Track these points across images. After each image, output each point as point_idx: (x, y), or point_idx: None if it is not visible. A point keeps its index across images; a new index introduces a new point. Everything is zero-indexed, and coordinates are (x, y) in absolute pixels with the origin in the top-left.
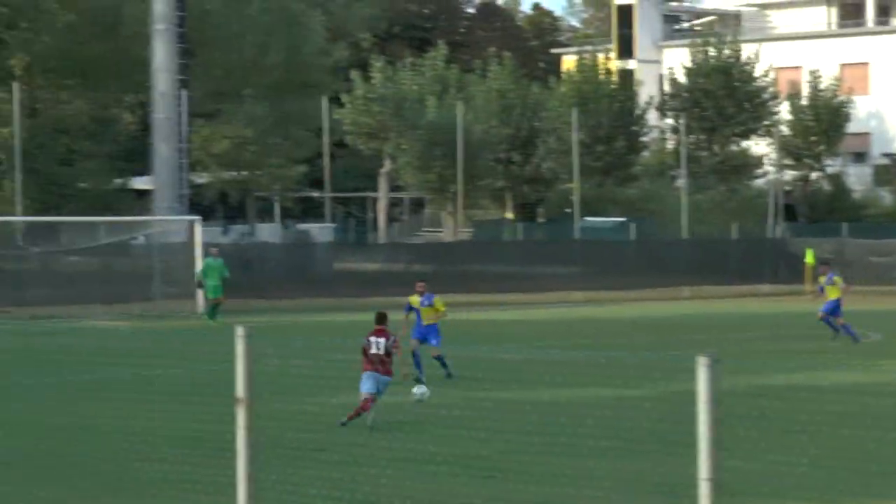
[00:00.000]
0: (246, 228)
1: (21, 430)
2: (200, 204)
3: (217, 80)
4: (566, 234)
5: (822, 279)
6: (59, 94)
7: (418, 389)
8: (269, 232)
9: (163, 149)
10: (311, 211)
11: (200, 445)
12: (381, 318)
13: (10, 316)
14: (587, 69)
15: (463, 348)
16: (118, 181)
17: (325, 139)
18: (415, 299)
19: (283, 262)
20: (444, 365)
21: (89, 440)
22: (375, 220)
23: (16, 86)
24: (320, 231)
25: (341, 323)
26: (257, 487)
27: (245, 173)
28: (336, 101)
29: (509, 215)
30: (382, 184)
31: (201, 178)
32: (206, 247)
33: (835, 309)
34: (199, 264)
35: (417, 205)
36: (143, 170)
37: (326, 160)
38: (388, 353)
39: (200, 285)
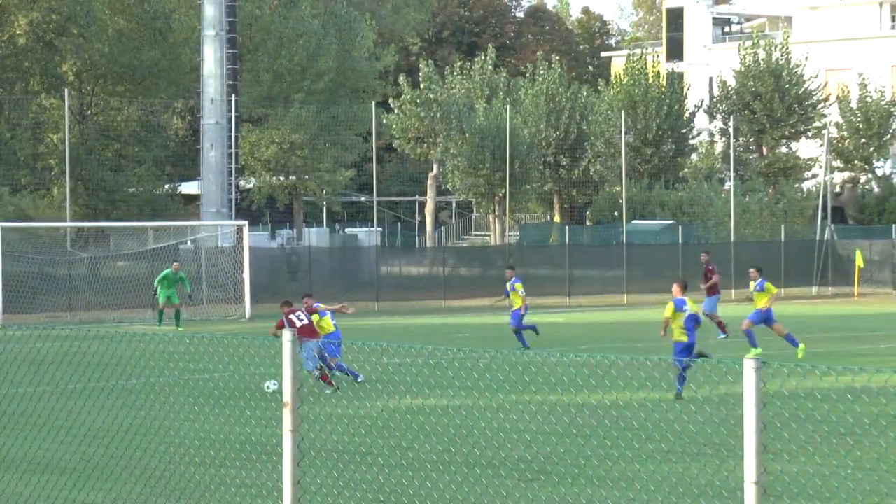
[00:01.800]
0: (293, 233)
1: (69, 435)
2: (248, 209)
3: (266, 85)
4: (613, 238)
5: (753, 285)
6: (109, 99)
7: (271, 383)
8: (316, 236)
9: (211, 154)
10: (358, 215)
11: (247, 449)
12: (289, 303)
13: (59, 321)
14: (636, 72)
15: (508, 351)
16: (167, 186)
17: (374, 143)
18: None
19: (331, 266)
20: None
21: (137, 444)
22: (423, 224)
23: (67, 92)
24: (367, 235)
25: (388, 326)
26: (303, 490)
27: (293, 178)
28: (384, 105)
29: (557, 218)
30: (430, 188)
31: (249, 183)
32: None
33: (767, 318)
34: (246, 269)
35: (465, 209)
36: (192, 175)
37: (374, 164)
38: (309, 322)
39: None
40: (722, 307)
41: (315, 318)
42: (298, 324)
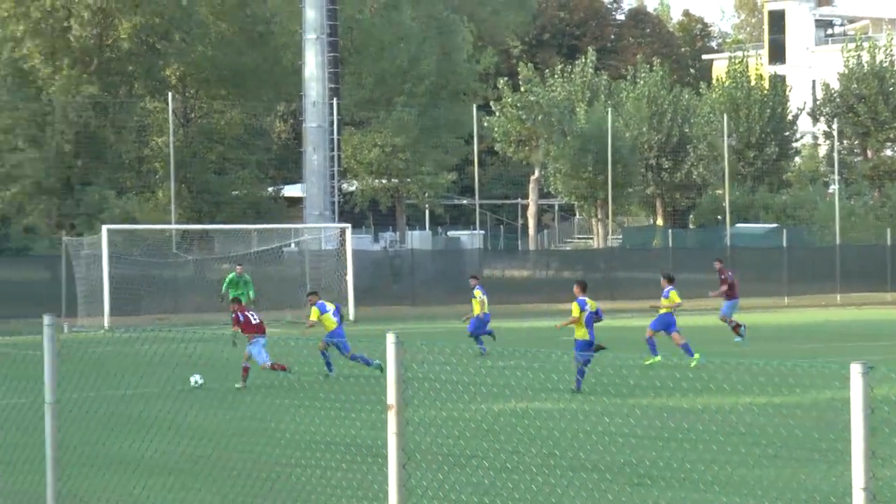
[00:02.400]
0: (396, 236)
1: (177, 436)
2: (351, 211)
3: (368, 89)
4: (717, 241)
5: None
6: (213, 103)
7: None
8: (419, 239)
9: (314, 157)
10: (461, 218)
11: (352, 451)
12: (238, 300)
13: (166, 323)
14: (738, 75)
15: (613, 355)
16: (270, 189)
17: (475, 146)
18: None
19: (433, 269)
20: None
21: (242, 446)
22: (525, 227)
23: (170, 95)
24: (470, 238)
25: (498, 328)
26: (408, 493)
27: (395, 181)
28: (485, 108)
29: (659, 222)
30: (532, 191)
31: (352, 186)
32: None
33: (669, 324)
34: (349, 272)
35: (567, 212)
36: (295, 178)
37: (476, 167)
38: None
39: (223, 300)
40: (828, 312)
41: (315, 313)
42: (254, 322)
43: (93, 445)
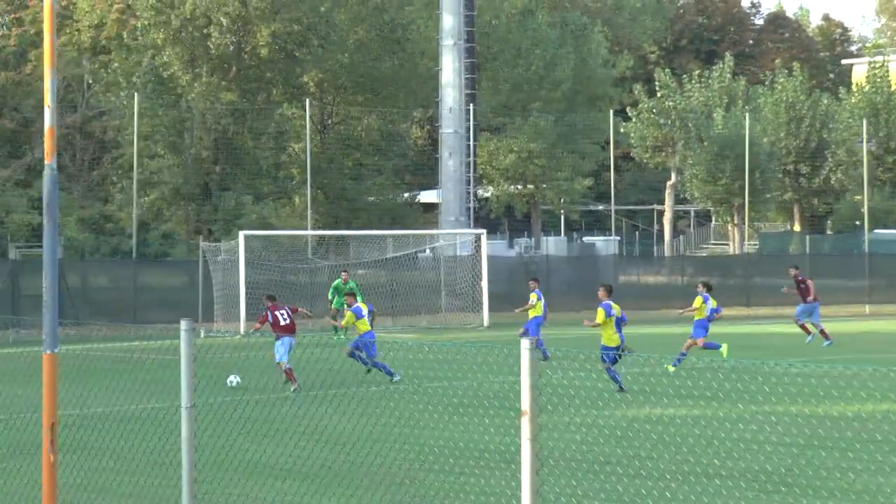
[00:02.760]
0: (531, 241)
1: (311, 441)
2: (486, 217)
3: (504, 94)
4: (855, 247)
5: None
6: (349, 109)
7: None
8: (554, 245)
9: (450, 163)
10: (596, 224)
11: (486, 457)
12: (273, 297)
13: (301, 328)
14: (878, 79)
15: (750, 361)
16: (406, 195)
17: (612, 152)
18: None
19: (568, 274)
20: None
21: (377, 451)
22: (661, 232)
23: (308, 102)
24: (605, 244)
25: (626, 335)
26: (542, 499)
27: (531, 186)
28: (622, 113)
29: (797, 227)
30: (668, 196)
31: (487, 192)
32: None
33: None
34: (484, 278)
35: (703, 217)
36: (431, 183)
37: (612, 173)
38: (292, 321)
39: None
40: None
41: (351, 317)
42: (283, 322)
43: (228, 450)
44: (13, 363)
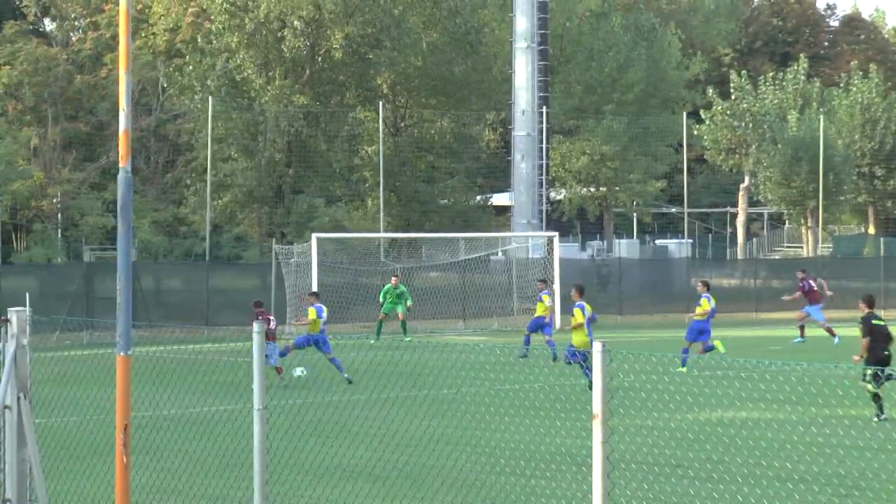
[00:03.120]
0: (604, 244)
1: (382, 443)
2: (559, 220)
3: (577, 97)
4: None
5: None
6: (422, 112)
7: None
8: (626, 247)
9: (522, 165)
10: (669, 226)
11: (556, 459)
12: (260, 304)
13: (371, 331)
14: None
15: (822, 364)
16: (478, 198)
17: (685, 154)
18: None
19: (641, 277)
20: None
21: (448, 453)
22: (734, 235)
23: (381, 104)
24: (678, 247)
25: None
26: (613, 502)
27: (603, 189)
28: (695, 116)
29: (871, 230)
30: (741, 199)
31: (560, 195)
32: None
33: (702, 332)
34: (556, 281)
35: (776, 220)
36: (503, 186)
37: (685, 175)
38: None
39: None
40: None
41: (313, 313)
42: (271, 325)
43: (300, 452)
44: (87, 365)
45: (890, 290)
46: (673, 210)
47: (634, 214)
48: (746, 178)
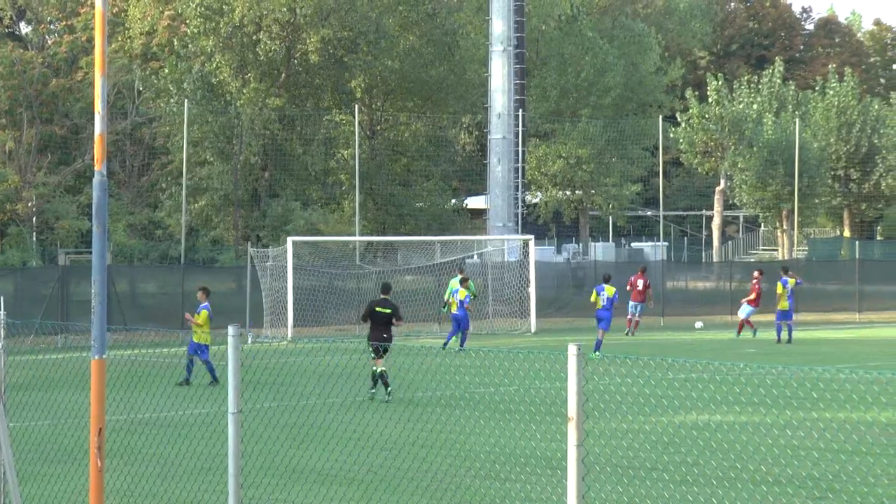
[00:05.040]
0: (579, 247)
1: (357, 447)
2: (534, 223)
3: (553, 101)
4: None
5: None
6: (398, 115)
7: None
8: (602, 250)
9: (498, 168)
10: (644, 229)
11: (532, 463)
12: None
13: (348, 334)
14: None
15: (798, 367)
16: (454, 201)
17: (661, 158)
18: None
19: (617, 280)
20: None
21: (423, 456)
22: (709, 238)
23: (357, 108)
24: (654, 249)
25: (674, 341)
26: None
27: (579, 192)
28: (671, 119)
29: (846, 233)
30: (717, 202)
31: (536, 198)
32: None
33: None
34: (532, 284)
35: (752, 223)
36: (479, 189)
37: (661, 179)
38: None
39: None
40: None
41: (205, 315)
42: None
43: (274, 455)
44: (62, 368)
45: (865, 293)
46: (648, 213)
47: (610, 217)
48: (722, 181)
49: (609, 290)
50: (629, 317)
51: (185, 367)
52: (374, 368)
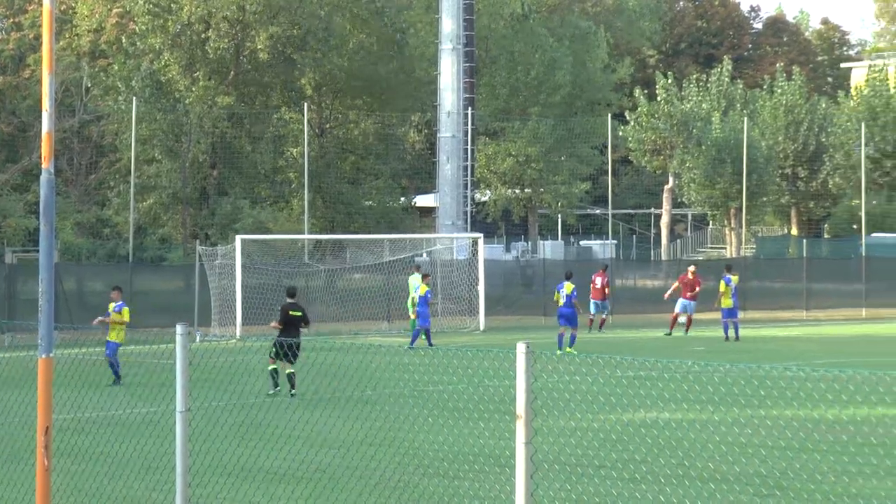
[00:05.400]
0: (528, 245)
1: (306, 445)
2: (484, 221)
3: (502, 99)
4: (852, 251)
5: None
6: (347, 113)
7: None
8: (551, 249)
9: (447, 167)
10: (593, 228)
11: (480, 461)
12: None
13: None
14: (877, 83)
15: (746, 365)
16: (403, 199)
17: (610, 156)
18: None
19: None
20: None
21: (371, 454)
22: (658, 236)
23: (306, 105)
24: (602, 248)
25: (621, 339)
26: (535, 503)
27: (528, 190)
28: (620, 117)
29: (794, 231)
30: (665, 200)
31: (485, 196)
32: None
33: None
34: (481, 282)
35: (700, 221)
36: (428, 187)
37: (610, 177)
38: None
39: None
40: None
41: (127, 311)
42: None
43: (222, 454)
44: (8, 367)
45: (812, 291)
46: (597, 211)
47: (559, 216)
48: (671, 180)
49: (568, 288)
50: (591, 316)
51: (111, 368)
52: (271, 367)
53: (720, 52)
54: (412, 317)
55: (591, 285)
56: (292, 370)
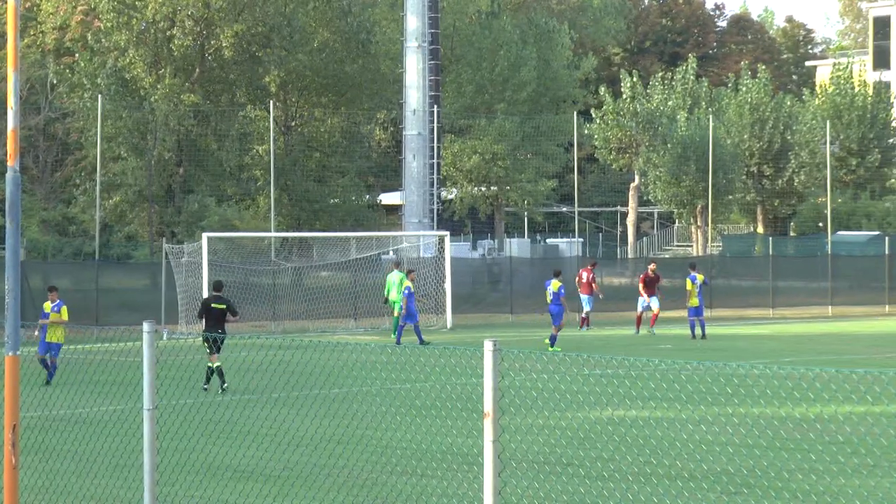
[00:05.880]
0: (495, 243)
1: (274, 443)
2: (450, 219)
3: (468, 96)
4: (818, 249)
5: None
6: (313, 111)
7: None
8: (517, 246)
9: (413, 164)
10: (560, 226)
11: (448, 458)
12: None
13: (263, 330)
14: (842, 81)
15: (712, 363)
16: (369, 197)
17: (576, 154)
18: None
19: (531, 276)
20: None
21: (339, 452)
22: (624, 234)
23: (271, 103)
24: (569, 246)
25: (589, 337)
26: (503, 500)
27: (495, 188)
28: (586, 115)
29: (760, 229)
30: (632, 198)
31: (451, 194)
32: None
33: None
34: (447, 280)
35: (666, 219)
36: (394, 185)
37: (576, 175)
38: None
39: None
40: None
41: (65, 311)
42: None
43: (190, 452)
44: None
45: (778, 289)
46: (564, 209)
47: (525, 214)
48: (636, 178)
49: (554, 285)
50: (582, 315)
51: (44, 367)
52: (210, 364)
53: (685, 51)
54: (395, 314)
55: (577, 279)
56: (219, 363)
